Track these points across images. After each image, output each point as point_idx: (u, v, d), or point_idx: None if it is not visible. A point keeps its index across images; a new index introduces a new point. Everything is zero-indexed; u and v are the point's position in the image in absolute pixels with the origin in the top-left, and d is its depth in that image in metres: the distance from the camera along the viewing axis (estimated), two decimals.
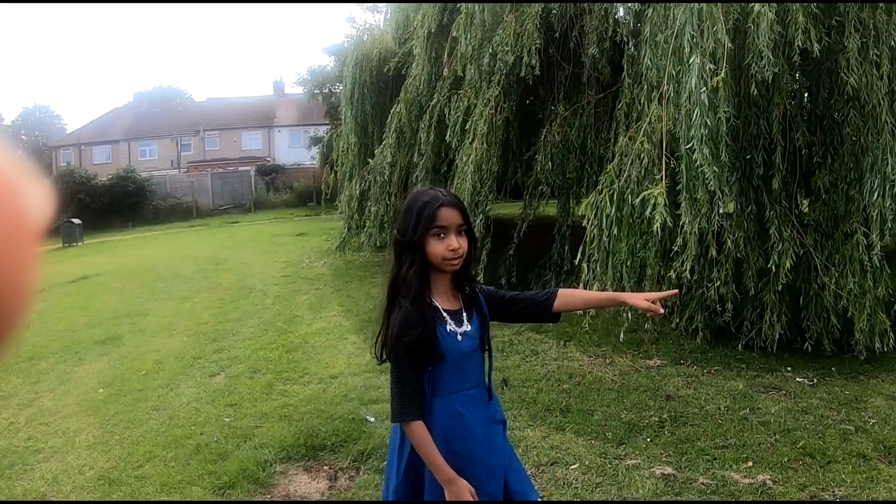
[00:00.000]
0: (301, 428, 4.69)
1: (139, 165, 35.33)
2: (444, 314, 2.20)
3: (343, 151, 12.38)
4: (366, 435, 4.51)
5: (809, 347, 5.48)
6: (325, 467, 4.19)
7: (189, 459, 4.37)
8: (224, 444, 4.55)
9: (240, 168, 35.33)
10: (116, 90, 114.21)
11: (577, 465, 3.91)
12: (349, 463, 4.20)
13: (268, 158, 38.67)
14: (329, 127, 22.67)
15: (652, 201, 4.82)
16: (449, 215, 2.13)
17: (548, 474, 3.83)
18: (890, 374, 5.22)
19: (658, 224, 4.74)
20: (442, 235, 2.13)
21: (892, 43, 4.96)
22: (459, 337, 2.19)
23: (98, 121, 44.81)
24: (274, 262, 13.06)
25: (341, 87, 14.51)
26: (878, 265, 5.22)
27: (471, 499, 2.09)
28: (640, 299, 2.31)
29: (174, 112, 43.92)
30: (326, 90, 23.12)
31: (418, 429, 2.12)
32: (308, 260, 12.93)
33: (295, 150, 38.03)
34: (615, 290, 5.73)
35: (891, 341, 5.26)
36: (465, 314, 2.25)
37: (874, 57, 4.91)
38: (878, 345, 5.23)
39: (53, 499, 4.00)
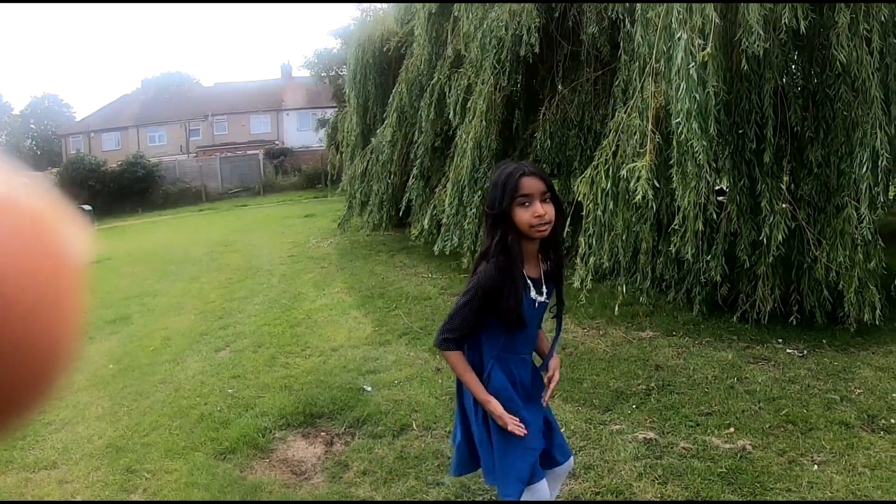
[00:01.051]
0: (301, 397, 4.85)
1: (148, 151, 35.54)
2: (530, 282, 2.33)
3: (346, 132, 12.49)
4: (362, 403, 4.66)
5: (798, 320, 5.54)
6: (322, 433, 4.34)
7: (193, 427, 4.53)
8: (227, 413, 4.72)
9: (248, 152, 35.47)
10: (124, 77, 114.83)
11: (563, 429, 4.00)
12: (345, 429, 4.35)
13: (276, 142, 38.80)
14: (336, 109, 22.74)
15: (637, 174, 4.90)
16: (531, 183, 2.21)
17: None
18: (881, 346, 5.27)
19: (640, 196, 4.83)
20: (527, 204, 2.21)
21: (882, 18, 4.99)
22: (536, 305, 2.36)
23: (107, 108, 45.03)
24: (281, 243, 13.21)
25: (346, 70, 14.58)
26: (869, 238, 5.26)
27: (506, 414, 2.29)
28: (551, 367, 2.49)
29: (182, 97, 44.03)
30: (333, 73, 23.11)
31: (454, 356, 2.35)
32: (315, 240, 13.08)
33: (303, 133, 38.11)
34: (611, 263, 5.86)
35: (881, 314, 5.32)
36: (544, 283, 2.40)
37: (864, 32, 4.94)
38: (868, 317, 5.27)
39: (63, 466, 4.16)
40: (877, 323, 5.27)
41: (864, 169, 5.04)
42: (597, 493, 3.32)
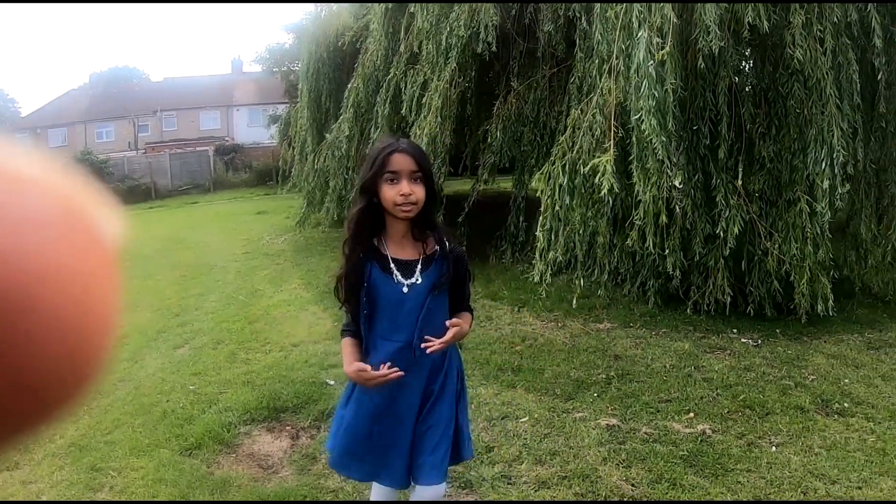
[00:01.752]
0: (263, 392, 4.82)
1: (96, 147, 34.61)
2: (391, 262, 2.25)
3: (299, 127, 12.40)
4: (326, 396, 4.66)
5: (752, 311, 5.75)
6: (288, 427, 4.34)
7: (156, 425, 4.48)
8: (189, 409, 4.67)
9: (198, 148, 34.85)
10: (72, 72, 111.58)
11: (527, 418, 4.10)
12: (310, 422, 4.35)
13: (226, 138, 38.18)
14: (287, 105, 22.53)
15: (601, 169, 5.00)
16: (401, 160, 2.15)
17: (498, 427, 4.02)
18: (832, 335, 5.54)
19: (606, 189, 4.93)
20: (394, 181, 2.15)
21: (835, 19, 5.18)
22: (405, 288, 2.24)
23: (53, 103, 43.70)
24: (234, 240, 13.05)
25: (300, 65, 14.48)
26: (818, 232, 5.47)
27: (368, 373, 2.21)
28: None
29: (131, 93, 43.04)
30: (285, 68, 22.92)
31: (347, 341, 2.36)
32: (268, 237, 12.96)
33: (254, 129, 37.53)
34: (567, 257, 5.95)
35: (832, 305, 5.53)
36: (420, 266, 2.26)
37: (818, 32, 5.13)
38: (820, 308, 5.48)
39: (26, 466, 4.07)
40: (829, 314, 5.47)
41: (823, 165, 5.22)
42: (563, 478, 3.40)
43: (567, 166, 5.60)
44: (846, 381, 4.58)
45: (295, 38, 19.54)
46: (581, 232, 5.78)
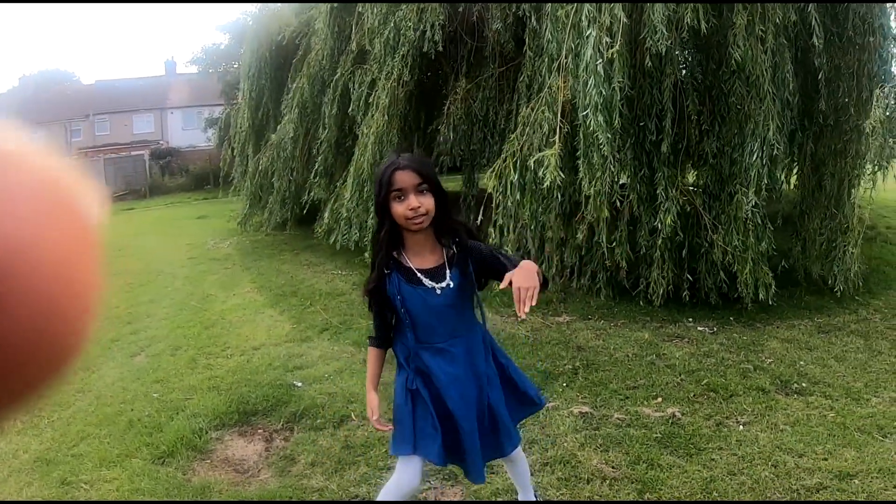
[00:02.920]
0: (231, 397, 4.78)
1: None
2: (419, 273, 2.37)
3: (239, 128, 12.27)
4: (296, 398, 4.65)
5: (701, 301, 5.97)
6: (260, 430, 4.32)
7: (123, 434, 4.38)
8: (157, 417, 4.59)
9: (133, 152, 33.97)
10: (1, 74, 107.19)
11: None
12: (283, 424, 4.34)
13: (161, 141, 37.28)
14: (223, 106, 22.16)
15: (545, 163, 5.12)
16: (403, 177, 2.26)
17: None
18: (783, 321, 5.83)
19: (548, 182, 5.05)
20: (401, 197, 2.27)
21: (777, 20, 5.42)
22: (438, 291, 2.36)
23: None
24: (177, 246, 12.77)
25: (237, 65, 14.28)
26: (758, 222, 5.70)
27: (371, 415, 2.56)
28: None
29: (62, 96, 41.43)
30: (221, 68, 22.55)
31: (371, 351, 2.60)
32: (213, 241, 12.73)
33: (189, 133, 36.69)
34: (521, 254, 6.06)
35: (775, 292, 5.77)
36: (447, 270, 2.39)
37: (759, 32, 5.37)
38: (762, 296, 5.73)
39: None
40: (770, 302, 5.73)
41: (755, 157, 5.46)
42: (545, 464, 3.50)
43: (517, 163, 5.72)
44: (801, 363, 4.85)
45: (231, 38, 19.25)
46: (532, 227, 5.91)
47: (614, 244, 5.97)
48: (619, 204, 5.89)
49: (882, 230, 9.32)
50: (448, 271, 2.39)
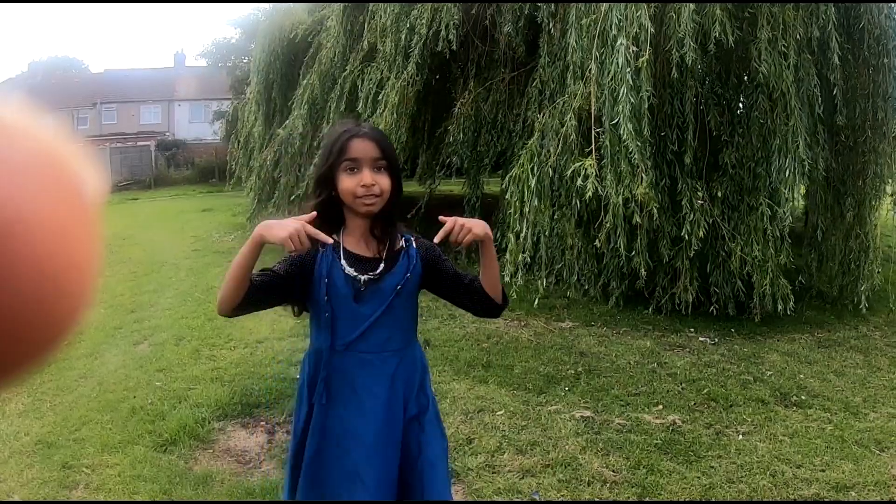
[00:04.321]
0: (234, 388, 4.79)
1: None
2: (347, 257, 1.95)
3: (247, 122, 12.31)
4: None
5: (715, 311, 6.01)
6: (262, 423, 4.33)
7: (126, 421, 4.39)
8: (159, 405, 4.60)
9: (139, 143, 34.01)
10: (10, 60, 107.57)
11: (503, 411, 4.21)
12: (285, 418, 4.33)
13: (167, 133, 37.35)
14: (231, 101, 22.19)
15: (583, 172, 5.14)
16: (362, 146, 1.87)
17: (476, 420, 4.10)
18: (784, 334, 5.87)
19: (590, 192, 5.07)
20: (354, 170, 1.86)
21: (798, 36, 5.46)
22: (362, 279, 1.92)
23: None
24: (182, 238, 12.83)
25: (247, 60, 14.32)
26: (779, 235, 5.74)
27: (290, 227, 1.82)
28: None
29: (70, 83, 41.53)
30: (231, 63, 22.61)
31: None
32: (217, 234, 12.78)
33: (196, 125, 36.61)
34: (532, 260, 6.07)
35: (791, 305, 5.80)
36: (382, 264, 1.95)
37: (782, 48, 5.40)
38: (780, 307, 5.74)
39: None
40: (788, 313, 5.75)
41: (788, 173, 5.46)
42: (546, 466, 3.51)
43: (535, 168, 5.74)
44: (801, 376, 4.91)
45: (242, 33, 19.30)
46: (548, 234, 5.94)
47: (633, 252, 5.98)
48: (643, 212, 5.93)
49: (883, 249, 9.37)
50: (381, 267, 1.94)
